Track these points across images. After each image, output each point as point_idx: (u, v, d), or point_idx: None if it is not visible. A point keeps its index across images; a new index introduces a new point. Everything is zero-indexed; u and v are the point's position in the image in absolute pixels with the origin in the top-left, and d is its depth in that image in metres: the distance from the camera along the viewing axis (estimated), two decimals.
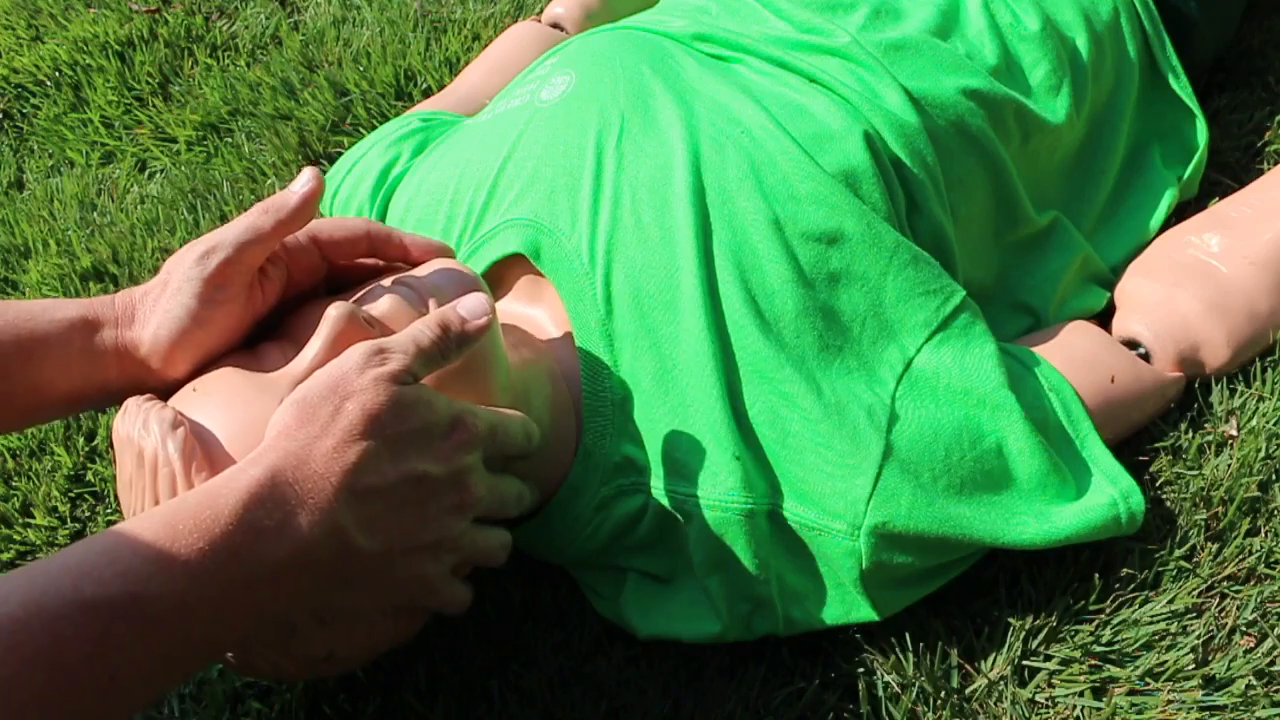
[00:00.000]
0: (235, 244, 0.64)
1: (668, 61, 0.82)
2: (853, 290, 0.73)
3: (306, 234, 0.70)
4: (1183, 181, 0.97)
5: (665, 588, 0.75)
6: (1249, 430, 0.80)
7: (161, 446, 0.59)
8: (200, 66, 1.46)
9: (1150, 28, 0.98)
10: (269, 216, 0.65)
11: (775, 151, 0.75)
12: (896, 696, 0.71)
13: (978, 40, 0.89)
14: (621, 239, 0.74)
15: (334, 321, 0.62)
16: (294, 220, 0.66)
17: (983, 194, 0.85)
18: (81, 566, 0.51)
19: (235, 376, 0.63)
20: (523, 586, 0.81)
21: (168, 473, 0.58)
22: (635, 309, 0.73)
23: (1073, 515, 0.71)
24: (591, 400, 0.73)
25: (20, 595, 0.49)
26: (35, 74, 1.51)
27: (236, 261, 0.65)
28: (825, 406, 0.70)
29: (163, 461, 0.58)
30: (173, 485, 0.58)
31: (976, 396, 0.72)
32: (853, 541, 0.68)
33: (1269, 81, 1.08)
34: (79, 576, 0.50)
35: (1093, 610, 0.73)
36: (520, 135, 0.81)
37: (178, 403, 0.63)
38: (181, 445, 0.58)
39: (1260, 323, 0.83)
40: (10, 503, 0.97)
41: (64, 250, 1.23)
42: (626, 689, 0.75)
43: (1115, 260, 0.93)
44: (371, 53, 1.36)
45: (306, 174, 0.67)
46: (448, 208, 0.83)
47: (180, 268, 0.65)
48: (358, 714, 0.76)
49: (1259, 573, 0.74)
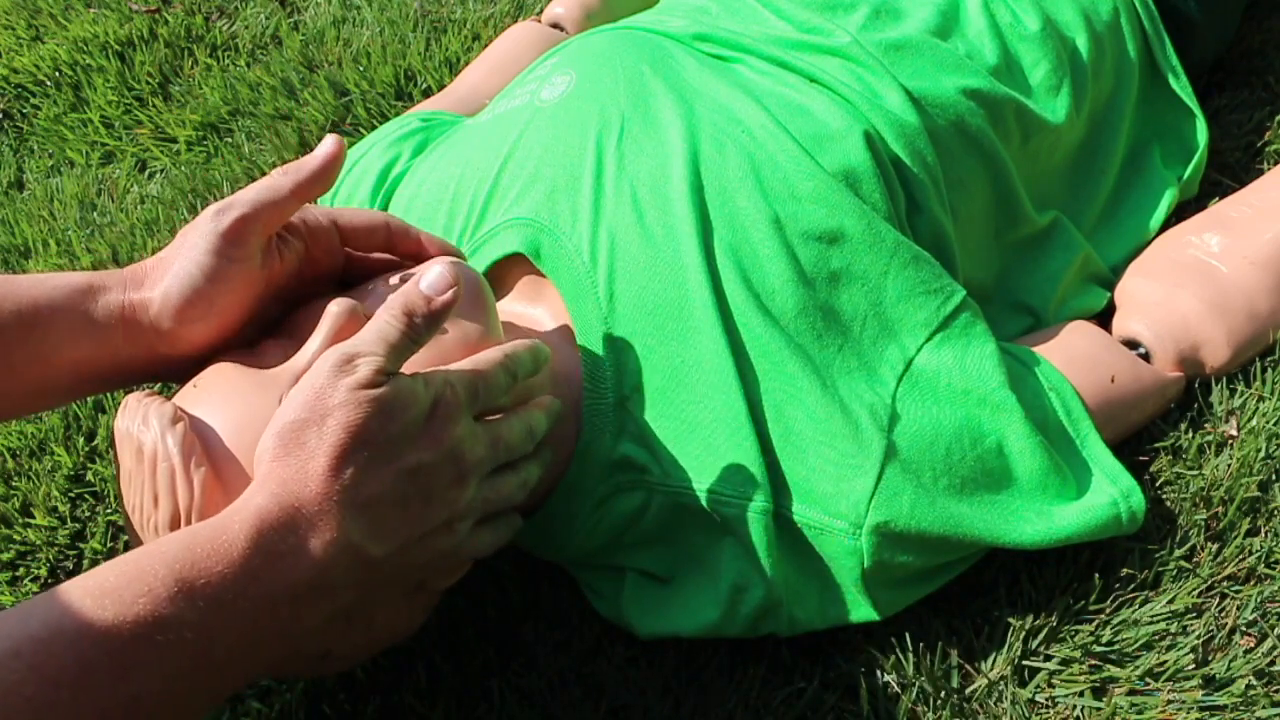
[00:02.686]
0: (252, 201, 0.63)
1: (668, 61, 0.82)
2: (853, 290, 0.73)
3: (328, 216, 0.69)
4: (1183, 181, 0.97)
5: (665, 587, 0.75)
6: (1249, 430, 0.80)
7: (161, 442, 0.59)
8: (200, 66, 1.46)
9: (1150, 28, 0.98)
10: (288, 178, 0.65)
11: (775, 151, 0.75)
12: (896, 696, 0.71)
13: (978, 40, 0.89)
14: (623, 238, 0.74)
15: (335, 317, 0.62)
16: (313, 183, 0.65)
17: (983, 194, 0.85)
18: (103, 587, 0.51)
19: (235, 372, 0.63)
20: (523, 586, 0.81)
21: (167, 468, 0.58)
22: (640, 307, 0.73)
23: (1073, 515, 0.71)
24: (591, 399, 0.73)
25: (42, 615, 0.49)
26: (35, 74, 1.51)
27: (253, 219, 0.63)
28: (829, 402, 0.70)
29: (162, 456, 0.58)
30: (172, 481, 0.58)
31: (977, 396, 0.72)
32: (854, 541, 0.68)
33: (1269, 81, 1.08)
34: (101, 597, 0.50)
35: (1093, 610, 0.73)
36: (520, 135, 0.81)
37: (178, 399, 0.63)
38: (181, 440, 0.58)
39: (1260, 323, 0.83)
40: (10, 503, 0.97)
41: (64, 250, 1.23)
42: (626, 689, 0.75)
43: (1115, 260, 0.93)
44: (371, 53, 1.36)
45: (329, 140, 0.66)
46: (448, 207, 0.83)
47: (195, 227, 0.64)
48: (358, 714, 0.76)
49: (1259, 573, 0.74)
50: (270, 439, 0.57)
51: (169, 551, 0.53)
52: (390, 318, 0.60)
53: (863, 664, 0.73)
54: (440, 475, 0.60)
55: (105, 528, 0.94)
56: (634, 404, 0.73)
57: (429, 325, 0.61)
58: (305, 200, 0.65)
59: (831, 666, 0.74)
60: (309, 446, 0.56)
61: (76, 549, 0.94)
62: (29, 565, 0.93)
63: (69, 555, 0.94)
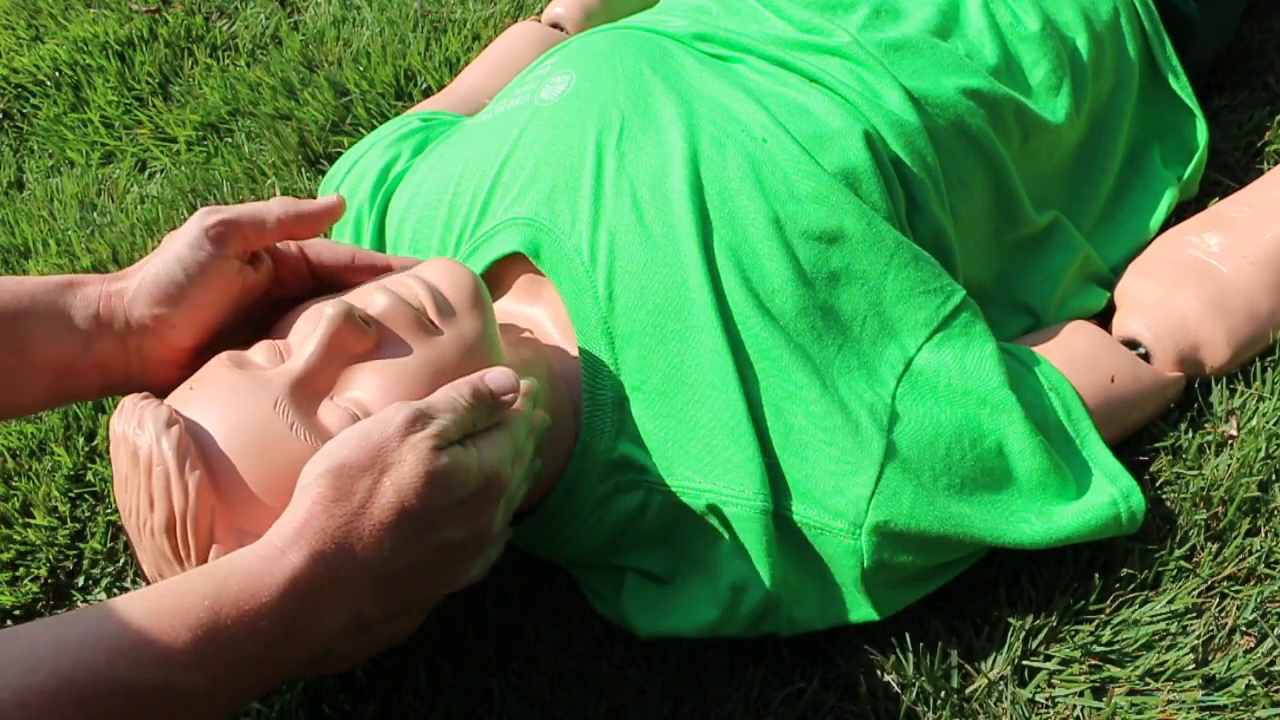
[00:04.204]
0: (239, 211, 0.66)
1: (668, 61, 0.82)
2: (853, 289, 0.73)
3: (296, 245, 0.71)
4: (1183, 181, 0.97)
5: (664, 587, 0.75)
6: (1249, 430, 0.80)
7: (156, 445, 0.58)
8: (200, 66, 1.46)
9: (1150, 27, 0.98)
10: (280, 208, 0.68)
11: (775, 151, 0.75)
12: (896, 696, 0.71)
13: (978, 40, 0.89)
14: (623, 238, 0.74)
15: (330, 320, 0.62)
16: (301, 222, 0.68)
17: (983, 194, 0.85)
18: (119, 644, 0.50)
19: (230, 374, 0.62)
20: (523, 586, 0.81)
21: (162, 471, 0.58)
22: (640, 307, 0.73)
23: (1073, 514, 0.71)
24: (590, 398, 0.73)
25: (50, 666, 0.49)
26: (35, 74, 1.51)
27: (236, 226, 0.66)
28: (829, 401, 0.70)
29: (157, 460, 0.58)
30: (167, 484, 0.58)
31: (977, 396, 0.72)
32: (854, 540, 0.68)
33: (1269, 81, 1.08)
34: (115, 655, 0.50)
35: (1093, 610, 0.73)
36: (520, 134, 0.81)
37: (173, 401, 0.62)
38: (176, 443, 0.58)
39: (1260, 322, 0.83)
40: (10, 503, 0.97)
41: (64, 250, 1.23)
42: (626, 689, 0.75)
43: (1115, 260, 0.93)
44: (371, 53, 1.36)
45: (334, 196, 0.70)
46: (448, 207, 0.83)
47: (181, 228, 0.66)
48: (358, 714, 0.76)
49: (1259, 573, 0.74)
50: (320, 472, 0.57)
51: (191, 613, 0.52)
52: (458, 394, 0.61)
53: (863, 664, 0.73)
54: (464, 550, 0.61)
55: (105, 528, 0.94)
56: (633, 403, 0.73)
57: (489, 413, 0.62)
58: (289, 233, 0.68)
59: (831, 666, 0.74)
60: (357, 499, 0.57)
61: (76, 549, 0.94)
62: (29, 565, 0.93)
63: (69, 555, 0.94)
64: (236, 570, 0.55)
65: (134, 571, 0.92)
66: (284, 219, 0.67)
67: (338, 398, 0.63)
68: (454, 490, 0.59)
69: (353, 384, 0.63)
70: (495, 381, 0.63)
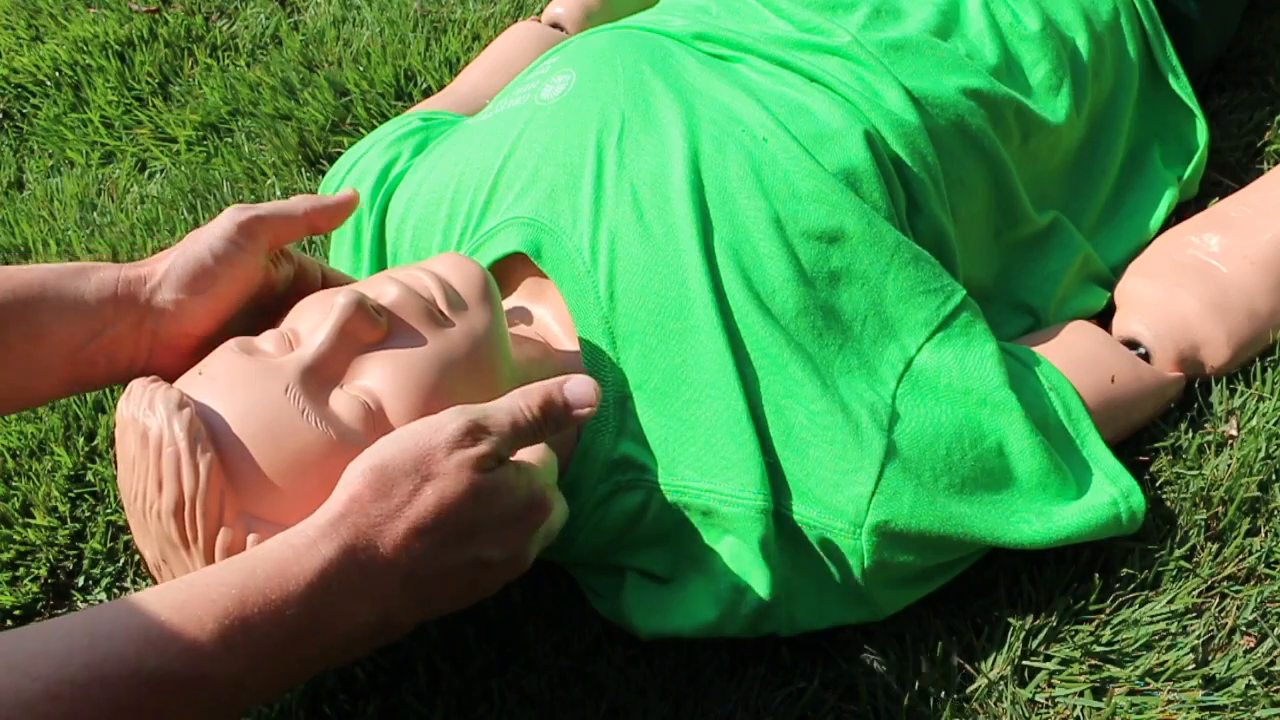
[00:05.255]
0: (270, 208, 0.69)
1: (668, 60, 0.82)
2: (853, 289, 0.73)
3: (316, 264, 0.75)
4: (1183, 181, 0.97)
5: (665, 587, 0.75)
6: (1249, 430, 0.80)
7: (167, 427, 0.58)
8: (200, 66, 1.46)
9: (1150, 28, 0.98)
10: (305, 202, 0.71)
11: (776, 150, 0.75)
12: (897, 696, 0.71)
13: (978, 40, 0.89)
14: (623, 237, 0.74)
15: (341, 309, 0.63)
16: (325, 214, 0.71)
17: (983, 193, 0.85)
18: (147, 635, 0.51)
19: (241, 360, 0.62)
20: (523, 586, 0.81)
21: (172, 453, 0.58)
22: (641, 306, 0.73)
23: (1073, 514, 0.71)
24: None
25: (82, 658, 0.50)
26: (35, 74, 1.51)
27: (268, 221, 0.68)
28: (829, 401, 0.70)
29: (168, 441, 0.58)
30: (177, 466, 0.58)
31: (977, 396, 0.72)
32: (854, 540, 0.68)
33: (1269, 81, 1.08)
34: (144, 646, 0.51)
35: (1093, 610, 0.73)
36: (521, 134, 0.81)
37: (183, 385, 0.62)
38: (188, 426, 0.58)
39: (1260, 322, 0.83)
40: (10, 503, 0.97)
41: (64, 250, 1.23)
42: (626, 689, 0.75)
43: (1115, 260, 0.93)
44: (371, 53, 1.36)
45: (350, 189, 0.74)
46: (448, 207, 0.83)
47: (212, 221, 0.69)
48: (358, 714, 0.76)
49: (1259, 573, 0.74)
50: (364, 469, 0.58)
51: (218, 603, 0.53)
52: (526, 405, 0.61)
53: (863, 664, 0.73)
54: (497, 572, 0.61)
55: (105, 528, 0.94)
56: (634, 403, 0.73)
57: (556, 427, 0.62)
58: (314, 227, 0.71)
59: (831, 666, 0.74)
60: (395, 500, 0.57)
61: (76, 549, 0.94)
62: (29, 565, 0.93)
63: (69, 555, 0.94)
64: (266, 559, 0.55)
65: (134, 572, 0.92)
66: (310, 211, 0.70)
67: (348, 386, 0.63)
68: (493, 507, 0.59)
69: (363, 373, 0.63)
70: (574, 393, 0.63)
